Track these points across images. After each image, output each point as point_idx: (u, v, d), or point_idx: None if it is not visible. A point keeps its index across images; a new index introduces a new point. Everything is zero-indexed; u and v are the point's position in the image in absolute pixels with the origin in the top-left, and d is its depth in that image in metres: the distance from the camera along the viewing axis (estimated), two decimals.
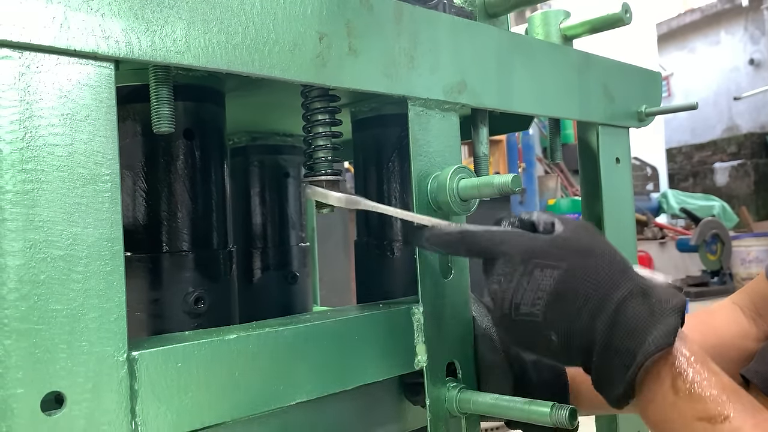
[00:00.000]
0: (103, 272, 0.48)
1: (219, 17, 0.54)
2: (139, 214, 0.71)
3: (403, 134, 0.82)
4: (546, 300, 0.58)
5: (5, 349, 0.43)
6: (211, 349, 0.55)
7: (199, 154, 0.74)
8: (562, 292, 0.58)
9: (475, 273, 0.73)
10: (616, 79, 0.99)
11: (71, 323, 0.46)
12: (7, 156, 0.44)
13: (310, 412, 0.66)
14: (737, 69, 12.45)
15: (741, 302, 0.91)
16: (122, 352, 0.49)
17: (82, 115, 0.48)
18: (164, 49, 0.51)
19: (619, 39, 4.32)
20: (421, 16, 0.70)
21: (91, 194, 0.48)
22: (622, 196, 1.02)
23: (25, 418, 0.44)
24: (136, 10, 0.50)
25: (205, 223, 0.75)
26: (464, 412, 0.70)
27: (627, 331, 0.57)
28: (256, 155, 1.08)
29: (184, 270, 0.72)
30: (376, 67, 0.66)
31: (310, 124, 0.74)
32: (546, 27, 0.98)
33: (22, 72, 0.45)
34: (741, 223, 9.15)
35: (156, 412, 0.51)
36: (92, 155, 0.48)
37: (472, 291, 0.76)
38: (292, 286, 1.07)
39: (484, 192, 0.67)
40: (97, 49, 0.48)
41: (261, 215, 1.07)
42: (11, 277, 0.44)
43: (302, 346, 0.61)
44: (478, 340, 0.74)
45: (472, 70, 0.75)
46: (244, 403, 0.56)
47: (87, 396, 0.47)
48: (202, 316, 0.73)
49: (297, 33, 0.59)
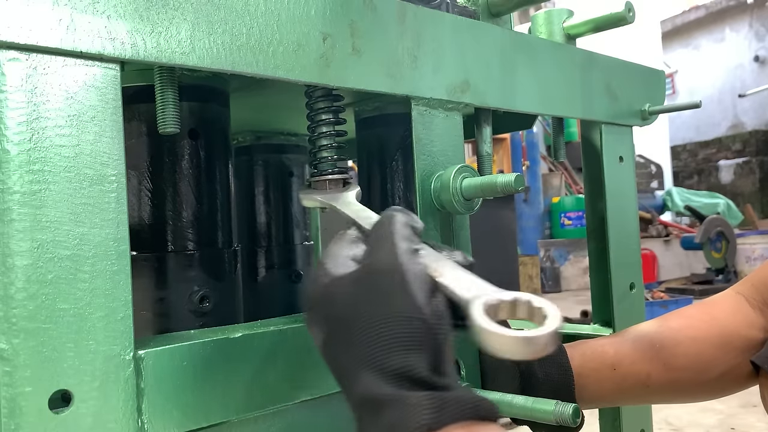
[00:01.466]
0: (110, 272, 0.48)
1: (223, 18, 0.55)
2: (144, 213, 0.72)
3: (406, 133, 0.82)
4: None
5: (13, 347, 0.44)
6: (217, 347, 0.55)
7: (203, 153, 0.75)
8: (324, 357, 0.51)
9: (479, 270, 0.73)
10: (619, 77, 0.99)
11: (78, 322, 0.47)
12: (15, 157, 0.45)
13: (314, 411, 0.66)
14: (742, 66, 12.41)
15: (745, 292, 0.87)
16: (128, 351, 0.49)
17: (89, 116, 0.48)
18: (169, 51, 0.51)
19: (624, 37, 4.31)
20: (425, 15, 0.70)
21: (98, 194, 0.48)
22: (626, 194, 1.02)
23: (33, 416, 0.44)
24: (142, 12, 0.50)
25: (209, 223, 0.75)
26: None
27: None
28: (261, 155, 1.08)
29: (189, 269, 0.73)
30: (379, 67, 0.66)
31: (314, 123, 0.75)
32: (549, 26, 0.98)
33: (29, 74, 0.46)
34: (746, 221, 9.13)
35: (162, 410, 0.51)
36: (98, 156, 0.48)
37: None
38: (296, 284, 1.08)
39: (487, 191, 0.67)
40: (102, 51, 0.48)
41: (265, 214, 1.08)
42: (19, 277, 0.44)
43: (306, 344, 0.61)
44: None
45: (475, 70, 0.76)
46: (249, 402, 0.57)
47: (94, 394, 0.47)
48: (207, 314, 0.73)
49: (301, 33, 0.60)
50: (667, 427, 3.30)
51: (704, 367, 0.81)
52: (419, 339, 0.46)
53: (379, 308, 0.47)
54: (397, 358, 0.45)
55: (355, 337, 0.47)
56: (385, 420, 0.43)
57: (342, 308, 0.49)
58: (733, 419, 3.36)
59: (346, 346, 0.48)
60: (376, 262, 0.50)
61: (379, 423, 0.44)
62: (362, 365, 0.46)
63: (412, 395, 0.43)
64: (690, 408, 3.59)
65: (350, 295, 0.49)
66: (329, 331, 0.49)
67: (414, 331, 0.46)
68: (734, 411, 3.40)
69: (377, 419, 0.44)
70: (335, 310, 0.49)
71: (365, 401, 0.45)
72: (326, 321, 0.50)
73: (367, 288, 0.49)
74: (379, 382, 0.45)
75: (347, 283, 0.50)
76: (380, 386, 0.45)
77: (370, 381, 0.45)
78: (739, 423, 3.31)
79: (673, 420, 3.42)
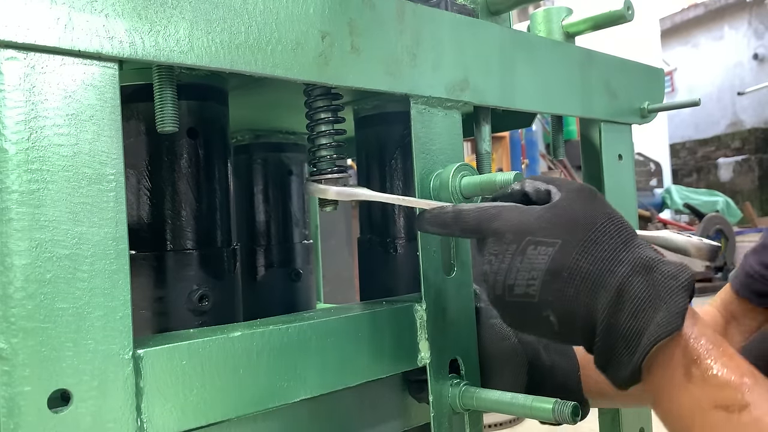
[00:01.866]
0: (109, 271, 0.48)
1: (222, 17, 0.54)
2: (143, 212, 0.72)
3: (405, 132, 0.82)
4: (541, 280, 0.55)
5: (12, 347, 0.44)
6: (216, 346, 0.55)
7: (202, 152, 0.75)
8: (558, 270, 0.54)
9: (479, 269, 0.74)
10: (619, 75, 0.99)
11: (77, 321, 0.47)
12: (13, 156, 0.45)
13: (313, 409, 0.66)
14: (741, 64, 12.41)
15: (715, 305, 1.04)
16: (128, 350, 0.49)
17: (87, 115, 0.48)
18: (168, 49, 0.51)
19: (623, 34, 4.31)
20: (424, 14, 0.70)
21: (96, 194, 0.48)
22: (625, 192, 1.02)
23: (33, 416, 0.44)
24: (140, 11, 0.50)
25: (209, 221, 0.75)
26: (467, 409, 0.70)
27: (631, 313, 0.53)
28: (260, 153, 1.08)
29: (188, 268, 0.73)
30: (378, 66, 0.66)
31: (313, 122, 0.75)
32: (548, 24, 0.98)
33: (27, 73, 0.45)
34: (745, 219, 9.13)
35: (161, 409, 0.51)
36: (97, 155, 0.48)
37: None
38: (295, 283, 1.08)
39: (487, 190, 0.67)
40: (101, 50, 0.48)
41: (264, 213, 1.08)
42: (18, 276, 0.44)
43: (306, 343, 0.61)
44: (483, 330, 0.73)
45: (475, 68, 0.75)
46: (248, 400, 0.57)
47: (93, 393, 0.47)
48: (207, 313, 0.73)
49: (299, 32, 0.60)
50: None
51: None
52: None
53: (609, 214, 0.57)
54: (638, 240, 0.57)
55: (604, 233, 0.55)
56: (660, 275, 0.53)
57: (579, 219, 0.56)
58: None
59: (600, 240, 0.55)
60: (574, 184, 0.61)
61: (655, 279, 0.53)
62: (622, 246, 0.55)
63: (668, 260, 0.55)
64: None
65: (576, 211, 0.57)
66: (565, 240, 0.55)
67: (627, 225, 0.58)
68: None
69: (652, 277, 0.53)
70: (570, 222, 0.56)
71: (638, 267, 0.54)
72: (560, 233, 0.55)
73: (588, 206, 0.57)
74: (642, 251, 0.55)
75: (564, 205, 0.58)
76: (647, 253, 0.55)
77: (639, 251, 0.55)
78: None
79: None
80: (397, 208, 0.87)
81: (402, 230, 0.86)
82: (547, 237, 0.55)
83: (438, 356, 0.70)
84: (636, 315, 0.53)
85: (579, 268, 0.54)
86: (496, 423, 3.35)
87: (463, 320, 0.73)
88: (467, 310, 0.74)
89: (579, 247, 0.55)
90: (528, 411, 0.64)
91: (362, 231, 0.91)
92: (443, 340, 0.71)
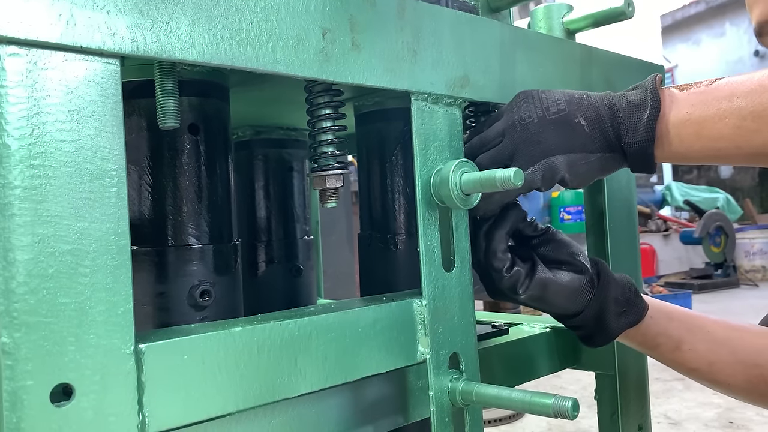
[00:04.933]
0: (110, 266, 0.49)
1: (223, 13, 0.55)
2: (145, 208, 0.72)
3: (406, 128, 0.82)
4: (566, 99, 0.74)
5: (15, 341, 0.44)
6: (217, 341, 0.55)
7: (203, 148, 0.75)
8: (572, 93, 0.75)
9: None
10: (619, 72, 0.99)
11: (79, 316, 0.47)
12: (16, 152, 0.45)
13: (314, 404, 0.67)
14: (742, 61, 12.39)
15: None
16: (129, 345, 0.49)
17: (89, 111, 0.48)
18: (169, 46, 0.52)
19: (623, 31, 4.31)
20: (424, 10, 0.71)
21: (98, 189, 0.48)
22: (625, 189, 1.03)
23: (35, 410, 0.45)
24: (141, 7, 0.50)
25: (210, 217, 0.75)
26: (467, 403, 0.70)
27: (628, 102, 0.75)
28: (261, 149, 1.08)
29: (189, 263, 0.73)
30: (379, 62, 0.66)
31: (314, 118, 0.75)
32: (549, 21, 0.98)
33: (29, 69, 0.46)
34: (745, 216, 9.14)
35: (163, 404, 0.51)
36: (99, 151, 0.49)
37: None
38: (296, 279, 1.08)
39: (487, 186, 0.67)
40: (102, 46, 0.48)
41: (265, 209, 1.08)
42: (20, 271, 0.45)
43: (306, 338, 0.61)
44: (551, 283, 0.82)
45: (475, 65, 0.76)
46: (249, 395, 0.57)
47: (95, 388, 0.47)
48: (208, 308, 0.74)
49: (300, 28, 0.60)
50: (665, 421, 3.32)
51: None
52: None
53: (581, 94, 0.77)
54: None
55: (583, 105, 0.75)
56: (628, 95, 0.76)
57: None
58: (732, 413, 3.37)
59: (574, 111, 0.74)
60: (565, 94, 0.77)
61: (634, 96, 0.75)
62: (605, 98, 0.76)
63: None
64: (689, 402, 3.60)
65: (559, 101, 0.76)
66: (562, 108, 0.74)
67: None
68: (732, 405, 3.41)
69: (630, 102, 0.75)
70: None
71: (612, 104, 0.75)
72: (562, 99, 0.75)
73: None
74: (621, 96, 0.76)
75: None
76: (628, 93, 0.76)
77: (616, 96, 0.76)
78: (737, 417, 3.32)
79: (672, 414, 3.43)
80: (397, 204, 0.87)
81: (402, 226, 0.86)
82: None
83: (438, 351, 0.70)
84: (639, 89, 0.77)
85: (585, 95, 0.76)
86: (496, 418, 3.36)
87: (463, 315, 0.73)
88: (467, 305, 0.74)
89: (576, 94, 0.77)
90: (527, 406, 0.65)
91: (363, 227, 0.92)
92: (443, 335, 0.71)
